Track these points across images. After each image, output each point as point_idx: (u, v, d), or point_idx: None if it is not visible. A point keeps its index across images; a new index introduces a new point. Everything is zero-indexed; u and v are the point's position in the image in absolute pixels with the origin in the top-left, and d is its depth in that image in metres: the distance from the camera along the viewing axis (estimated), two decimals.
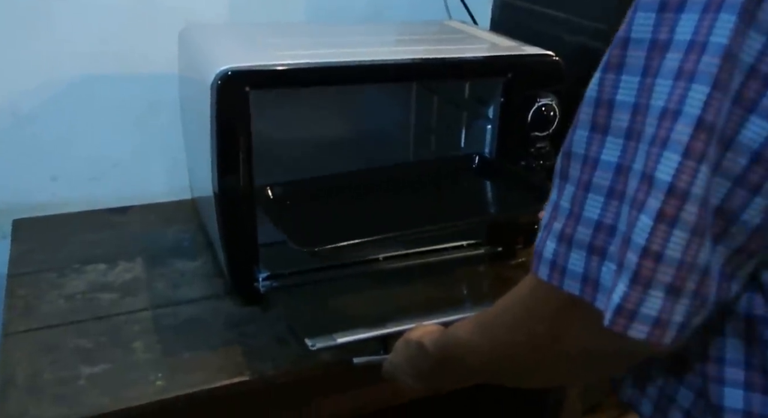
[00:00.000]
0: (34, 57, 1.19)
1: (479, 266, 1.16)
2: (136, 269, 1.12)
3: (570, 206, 0.48)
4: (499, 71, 1.03)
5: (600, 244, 0.46)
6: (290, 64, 0.91)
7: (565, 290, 0.48)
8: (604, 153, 0.46)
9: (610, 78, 0.46)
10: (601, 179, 0.46)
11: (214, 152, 0.91)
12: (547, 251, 0.49)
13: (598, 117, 0.47)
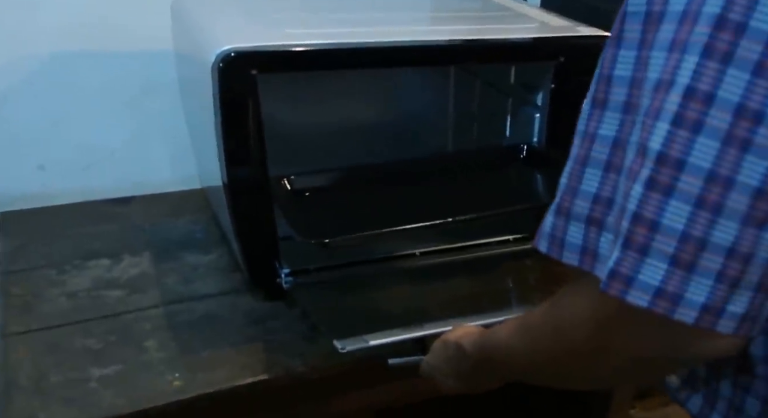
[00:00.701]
0: (9, 31, 1.07)
1: (526, 260, 1.06)
2: (143, 264, 1.02)
3: (567, 181, 0.48)
4: (550, 55, 0.93)
5: (598, 216, 0.47)
6: (303, 44, 0.80)
7: (564, 261, 0.48)
8: (602, 127, 0.47)
9: (609, 53, 0.47)
10: (599, 153, 0.47)
11: (221, 141, 0.81)
12: (545, 225, 0.50)
13: (598, 93, 0.47)
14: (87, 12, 1.11)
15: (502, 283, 1.03)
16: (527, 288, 1.02)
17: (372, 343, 0.79)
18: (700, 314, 0.41)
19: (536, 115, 1.01)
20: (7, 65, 1.10)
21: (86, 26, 1.12)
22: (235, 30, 0.86)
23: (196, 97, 0.94)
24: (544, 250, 0.50)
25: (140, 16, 1.13)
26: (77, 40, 1.12)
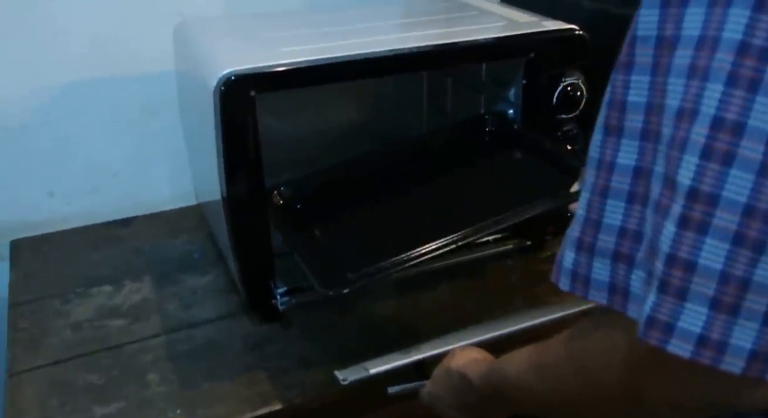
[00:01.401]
0: (20, 64, 1.11)
1: (507, 261, 1.08)
2: (144, 289, 1.05)
3: (586, 213, 0.46)
4: (521, 51, 0.94)
5: (626, 251, 0.44)
6: (295, 63, 0.83)
7: (591, 299, 0.46)
8: (620, 156, 0.44)
9: (620, 79, 0.45)
10: (620, 184, 0.44)
11: (221, 159, 0.84)
12: (566, 261, 0.47)
13: (610, 119, 0.45)
14: (99, 40, 1.14)
15: (486, 286, 1.05)
16: (510, 290, 1.04)
17: (372, 371, 0.80)
18: (749, 362, 0.38)
19: (509, 111, 1.02)
20: (28, 96, 1.14)
21: (98, 54, 1.15)
22: (234, 53, 0.89)
23: (197, 117, 0.97)
24: (567, 289, 0.48)
25: (143, 39, 1.17)
26: (89, 68, 1.16)
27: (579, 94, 0.97)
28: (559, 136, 0.99)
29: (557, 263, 0.48)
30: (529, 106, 0.99)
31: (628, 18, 1.15)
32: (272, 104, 1.05)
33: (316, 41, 0.92)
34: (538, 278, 1.05)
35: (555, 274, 0.49)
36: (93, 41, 1.14)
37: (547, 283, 1.04)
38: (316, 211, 0.97)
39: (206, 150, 0.90)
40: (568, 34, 0.95)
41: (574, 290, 0.47)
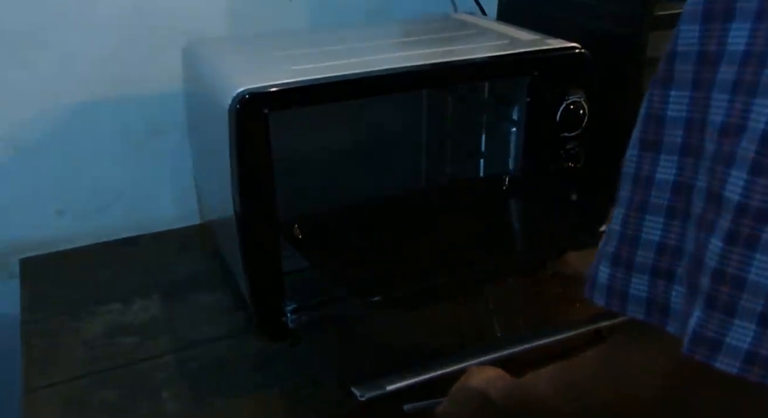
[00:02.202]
0: (31, 86, 1.13)
1: (508, 279, 1.10)
2: (153, 307, 1.07)
3: (621, 229, 0.46)
4: (525, 70, 0.96)
5: (665, 266, 0.44)
6: (308, 81, 0.85)
7: (629, 315, 0.46)
8: (659, 171, 0.44)
9: (657, 93, 0.44)
10: (659, 199, 0.44)
11: (235, 178, 0.85)
12: (601, 276, 0.47)
13: (647, 134, 0.45)
14: (108, 62, 1.16)
15: (488, 305, 1.07)
16: (512, 309, 1.06)
17: (390, 388, 0.81)
18: None
19: (512, 130, 1.04)
20: (38, 117, 1.16)
21: (107, 76, 1.17)
22: (246, 72, 0.90)
23: (208, 136, 0.99)
24: (602, 304, 0.47)
25: (150, 60, 1.18)
26: (99, 90, 1.17)
27: (582, 112, 0.99)
28: (562, 155, 1.01)
29: (590, 278, 0.48)
30: (533, 124, 1.00)
31: (626, 37, 1.17)
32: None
33: (323, 60, 0.94)
34: (539, 296, 1.07)
35: (588, 289, 0.48)
36: (102, 63, 1.15)
37: (548, 301, 1.07)
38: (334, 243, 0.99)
39: (217, 168, 0.91)
40: (571, 52, 0.97)
41: (610, 306, 0.47)
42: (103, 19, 1.13)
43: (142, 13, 1.15)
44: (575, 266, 1.11)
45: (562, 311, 1.03)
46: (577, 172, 1.01)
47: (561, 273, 1.10)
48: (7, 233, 1.20)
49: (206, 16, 1.19)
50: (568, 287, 1.08)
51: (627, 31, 1.09)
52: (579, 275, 1.08)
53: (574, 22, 1.18)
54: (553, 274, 1.09)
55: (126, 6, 1.14)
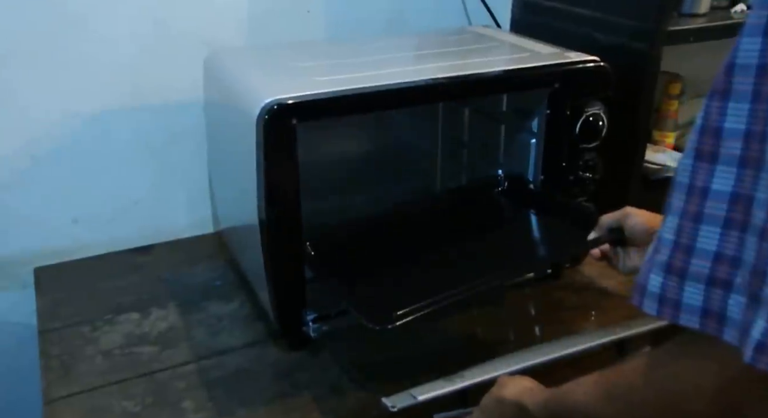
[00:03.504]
0: (48, 93, 1.13)
1: (525, 289, 1.11)
2: (170, 317, 1.06)
3: (675, 238, 0.46)
4: (546, 82, 0.97)
5: (722, 276, 0.44)
6: (335, 92, 0.86)
7: (681, 324, 0.46)
8: (715, 182, 0.44)
9: (715, 105, 0.45)
10: (715, 209, 0.44)
11: (262, 186, 0.86)
12: (652, 285, 0.47)
13: (704, 145, 0.45)
14: (127, 70, 1.17)
15: (505, 314, 1.07)
16: (529, 318, 1.07)
17: (420, 398, 0.80)
18: None
19: (531, 141, 1.05)
20: (56, 126, 1.16)
21: (126, 84, 1.17)
22: (272, 83, 0.92)
23: (232, 146, 1.00)
24: (653, 312, 0.47)
25: (170, 69, 1.19)
26: (118, 97, 1.18)
27: (600, 124, 1.00)
28: (581, 166, 1.02)
29: (639, 287, 0.48)
30: (552, 135, 1.01)
31: (642, 52, 1.18)
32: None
33: (346, 72, 0.95)
34: (555, 306, 1.08)
35: (637, 297, 0.48)
36: (120, 73, 1.16)
37: (565, 310, 1.07)
38: (347, 259, 1.00)
39: (240, 177, 0.92)
40: (591, 66, 0.98)
41: (662, 314, 0.47)
42: (122, 29, 1.14)
43: (162, 23, 1.16)
44: (590, 274, 1.12)
45: (579, 320, 1.04)
46: (597, 183, 1.01)
47: (576, 282, 1.11)
48: (21, 242, 1.20)
49: (225, 26, 1.20)
50: (584, 295, 1.09)
51: (640, 45, 1.11)
52: (594, 284, 1.10)
53: (587, 35, 1.20)
54: (569, 282, 1.11)
55: (146, 16, 1.14)
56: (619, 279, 1.12)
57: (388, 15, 1.31)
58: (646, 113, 1.16)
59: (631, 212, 0.90)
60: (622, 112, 1.08)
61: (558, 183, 1.02)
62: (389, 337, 1.00)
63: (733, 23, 1.19)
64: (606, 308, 1.06)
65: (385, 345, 0.99)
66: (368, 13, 1.29)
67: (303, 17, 1.25)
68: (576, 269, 1.13)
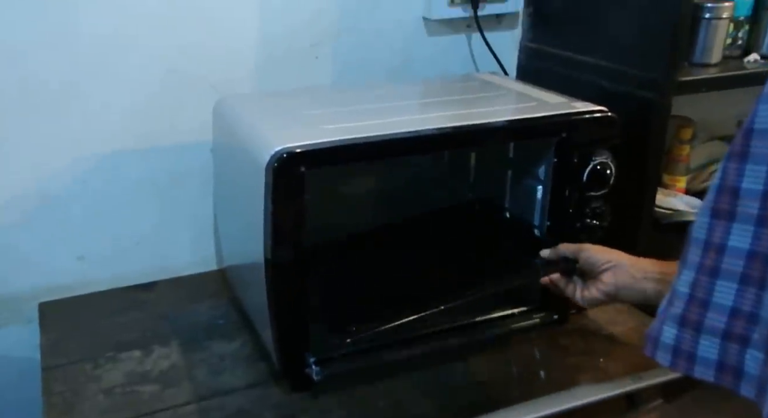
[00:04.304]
0: (62, 136, 1.14)
1: (530, 333, 1.10)
2: (172, 355, 1.06)
3: (690, 291, 0.47)
4: (554, 132, 0.98)
5: (739, 331, 0.45)
6: (342, 141, 0.87)
7: (696, 376, 0.47)
8: (732, 239, 0.46)
9: (733, 167, 0.46)
10: (732, 266, 0.46)
11: (269, 232, 0.86)
12: (666, 337, 0.49)
13: (720, 204, 0.47)
14: (137, 113, 1.18)
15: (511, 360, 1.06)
16: (535, 363, 1.07)
17: None
18: None
19: (538, 188, 1.05)
20: (67, 167, 1.17)
21: (135, 126, 1.19)
22: (281, 130, 0.93)
23: (239, 188, 1.01)
24: (667, 364, 0.49)
25: (179, 112, 1.20)
26: (126, 139, 1.19)
27: (608, 172, 1.00)
28: (588, 214, 1.02)
29: (651, 338, 0.49)
30: (559, 183, 1.02)
31: (648, 100, 1.19)
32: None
33: (353, 120, 0.96)
34: (562, 351, 1.07)
35: (650, 347, 0.50)
36: (131, 115, 1.17)
37: (572, 356, 1.07)
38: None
39: (248, 220, 0.92)
40: (599, 115, 0.99)
41: (676, 366, 0.48)
42: (135, 73, 1.15)
43: (174, 67, 1.17)
44: (598, 320, 1.12)
45: (587, 366, 1.03)
46: (605, 230, 1.02)
47: (583, 327, 1.11)
48: (26, 278, 1.20)
49: (235, 71, 1.22)
50: (591, 341, 1.09)
51: (649, 94, 1.11)
52: (601, 330, 1.09)
53: (594, 83, 1.21)
54: (576, 328, 1.10)
55: (158, 60, 1.16)
56: (627, 325, 1.12)
57: (395, 60, 1.33)
58: (655, 160, 1.16)
59: (588, 247, 0.95)
60: (632, 157, 1.08)
61: (564, 230, 1.02)
62: (391, 381, 1.00)
63: (747, 73, 1.19)
64: (613, 354, 1.05)
65: (388, 389, 0.98)
66: (375, 59, 1.31)
67: (311, 63, 1.26)
68: (583, 313, 1.13)
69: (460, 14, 1.31)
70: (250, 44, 1.21)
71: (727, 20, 1.18)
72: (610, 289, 0.91)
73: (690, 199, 1.41)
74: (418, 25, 1.33)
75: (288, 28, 1.23)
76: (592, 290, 0.93)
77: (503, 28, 1.39)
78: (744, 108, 1.61)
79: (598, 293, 0.92)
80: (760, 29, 1.23)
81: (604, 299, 0.92)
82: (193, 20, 1.16)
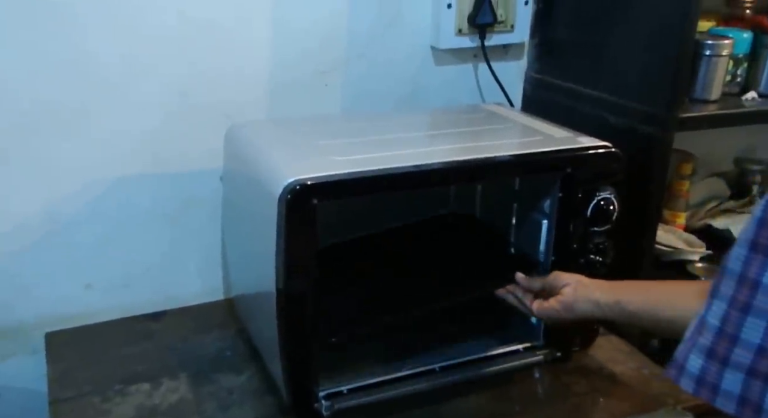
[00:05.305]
0: (72, 161, 1.16)
1: (534, 370, 1.11)
2: (181, 389, 1.06)
3: (720, 325, 0.48)
4: (559, 167, 1.00)
5: (763, 369, 0.46)
6: (353, 174, 0.88)
7: (717, 406, 0.48)
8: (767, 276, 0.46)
9: None
10: (764, 303, 0.46)
11: (281, 262, 0.87)
12: (692, 366, 0.50)
13: (761, 238, 0.47)
14: (148, 139, 1.19)
15: (514, 397, 1.07)
16: (538, 401, 1.07)
17: None
18: None
19: (543, 221, 1.06)
20: (76, 193, 1.18)
21: (147, 153, 1.20)
22: (293, 162, 0.94)
23: (250, 217, 1.02)
24: (690, 390, 0.50)
25: (190, 139, 1.22)
26: (135, 166, 1.20)
27: (612, 208, 1.02)
28: (591, 249, 1.04)
29: (677, 364, 0.51)
30: (563, 217, 1.03)
31: (650, 135, 1.21)
32: None
33: (363, 151, 0.97)
34: (564, 390, 1.08)
35: (674, 374, 0.51)
36: (143, 141, 1.19)
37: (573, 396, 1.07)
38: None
39: (258, 249, 0.94)
40: (604, 151, 1.01)
41: (699, 394, 0.49)
42: (148, 99, 1.17)
43: (186, 94, 1.19)
44: (600, 358, 1.13)
45: (588, 406, 1.04)
46: (608, 266, 1.03)
47: (586, 365, 1.12)
48: (33, 307, 1.21)
49: (246, 98, 1.23)
50: (593, 379, 1.10)
51: (651, 130, 1.13)
52: (603, 369, 1.10)
53: (598, 116, 1.23)
54: (579, 366, 1.11)
55: (171, 86, 1.17)
56: (627, 365, 1.13)
57: (403, 89, 1.34)
58: (657, 196, 1.18)
59: (557, 272, 1.00)
60: (633, 192, 1.10)
61: (569, 265, 1.03)
62: (399, 415, 1.01)
63: (746, 112, 1.21)
64: (615, 394, 1.06)
65: None
66: (383, 87, 1.33)
67: (321, 90, 1.28)
68: (585, 352, 1.14)
69: (467, 44, 1.34)
70: (261, 71, 1.23)
71: (726, 57, 1.20)
72: (568, 299, 0.95)
73: (688, 237, 1.42)
74: (426, 55, 1.35)
75: (298, 56, 1.25)
76: (550, 301, 0.97)
77: (509, 58, 1.41)
78: (741, 145, 1.63)
79: (556, 303, 0.96)
80: (759, 67, 1.26)
81: (560, 309, 0.96)
82: (205, 47, 1.18)
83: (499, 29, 1.34)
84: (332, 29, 1.26)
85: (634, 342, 1.18)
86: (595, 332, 1.12)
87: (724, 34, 1.23)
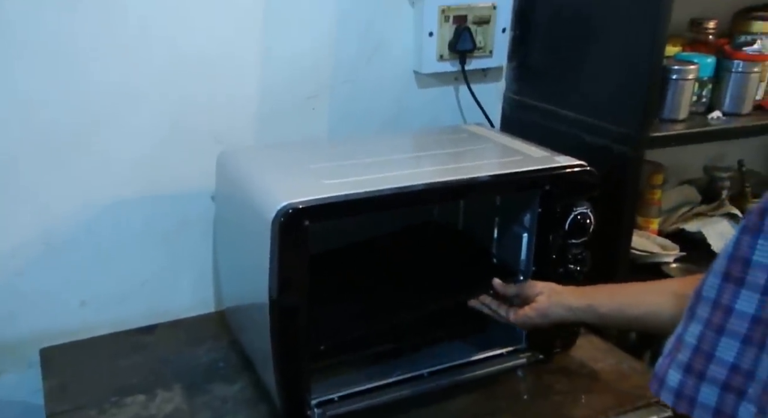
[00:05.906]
0: (69, 184, 1.19)
1: (516, 372, 1.16)
2: (175, 399, 1.09)
3: (697, 343, 0.53)
4: (539, 184, 1.05)
5: (737, 385, 0.51)
6: (343, 196, 0.93)
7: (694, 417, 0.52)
8: (739, 303, 0.52)
9: (746, 240, 0.53)
10: (737, 326, 0.51)
11: (275, 281, 0.91)
12: (671, 380, 0.55)
13: (732, 270, 0.53)
14: (143, 163, 1.23)
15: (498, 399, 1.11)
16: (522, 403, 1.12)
17: None
18: None
19: (524, 234, 1.12)
20: (72, 214, 1.21)
21: (141, 175, 1.24)
22: (284, 185, 0.99)
23: (244, 238, 1.06)
24: (669, 403, 0.55)
25: (183, 162, 1.26)
26: (132, 188, 1.24)
27: (588, 221, 1.08)
28: (570, 259, 1.09)
29: (658, 378, 0.56)
30: (543, 231, 1.09)
31: (625, 154, 1.27)
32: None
33: (352, 174, 1.02)
34: (546, 390, 1.13)
35: (655, 386, 0.56)
36: (137, 165, 1.23)
37: (555, 395, 1.12)
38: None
39: (250, 266, 0.98)
40: (580, 170, 1.07)
41: (677, 406, 0.54)
42: (143, 124, 1.21)
43: (180, 119, 1.23)
44: (581, 358, 1.18)
45: (570, 405, 1.09)
46: (585, 275, 1.09)
47: (567, 365, 1.18)
48: (28, 323, 1.23)
49: (237, 123, 1.28)
50: (574, 379, 1.15)
51: (624, 148, 1.20)
52: (585, 367, 1.15)
53: (574, 135, 1.29)
54: (561, 367, 1.16)
55: (165, 112, 1.22)
56: (607, 362, 1.18)
57: (388, 111, 1.40)
58: (630, 208, 1.24)
59: (533, 281, 1.07)
60: (608, 205, 1.16)
61: (548, 275, 1.09)
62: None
63: (711, 130, 1.30)
64: (596, 392, 1.12)
65: None
66: (369, 110, 1.38)
67: (308, 114, 1.33)
68: (567, 352, 1.19)
69: (448, 69, 1.40)
70: (250, 98, 1.28)
71: (692, 80, 1.29)
72: (542, 306, 1.01)
73: (662, 241, 1.49)
74: (410, 78, 1.41)
75: (286, 83, 1.30)
76: (525, 309, 1.03)
77: (488, 81, 1.48)
78: (710, 154, 1.70)
79: (530, 310, 1.02)
80: (722, 88, 1.35)
81: (535, 316, 1.02)
82: (196, 76, 1.22)
83: (479, 55, 1.41)
84: (318, 58, 1.31)
85: (612, 339, 1.25)
86: (576, 334, 1.18)
87: (690, 59, 1.31)
